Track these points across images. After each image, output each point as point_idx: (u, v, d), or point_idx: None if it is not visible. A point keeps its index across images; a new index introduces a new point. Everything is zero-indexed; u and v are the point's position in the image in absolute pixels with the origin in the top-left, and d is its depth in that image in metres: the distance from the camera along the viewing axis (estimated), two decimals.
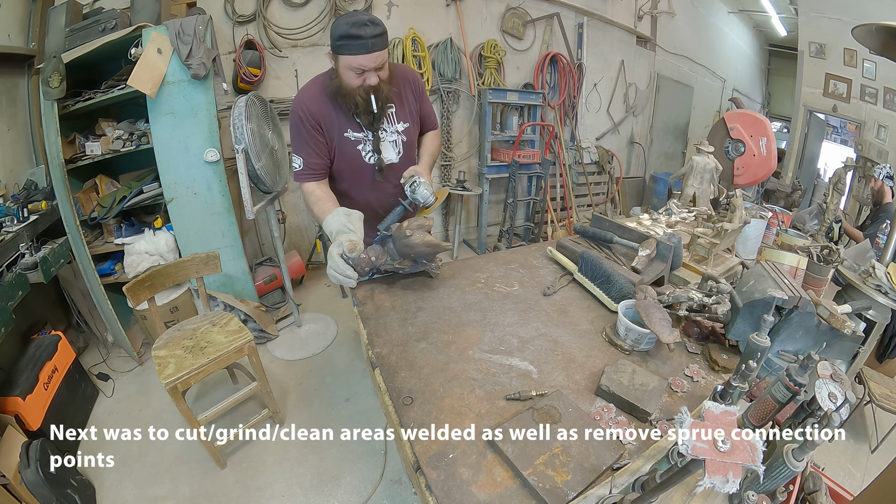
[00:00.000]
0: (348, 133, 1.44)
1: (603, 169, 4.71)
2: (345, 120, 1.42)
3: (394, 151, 1.52)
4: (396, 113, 1.50)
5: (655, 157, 5.55)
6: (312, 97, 1.40)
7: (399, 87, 1.48)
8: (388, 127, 1.49)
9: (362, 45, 1.24)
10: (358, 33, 1.23)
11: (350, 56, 1.27)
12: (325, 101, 1.40)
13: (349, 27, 1.23)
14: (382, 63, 1.32)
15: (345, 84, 1.33)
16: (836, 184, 2.22)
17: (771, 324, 0.88)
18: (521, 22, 3.90)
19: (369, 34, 1.23)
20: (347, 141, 1.44)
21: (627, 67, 4.69)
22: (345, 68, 1.30)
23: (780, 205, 3.23)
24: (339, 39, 1.25)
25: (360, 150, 1.47)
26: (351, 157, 1.47)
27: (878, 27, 1.64)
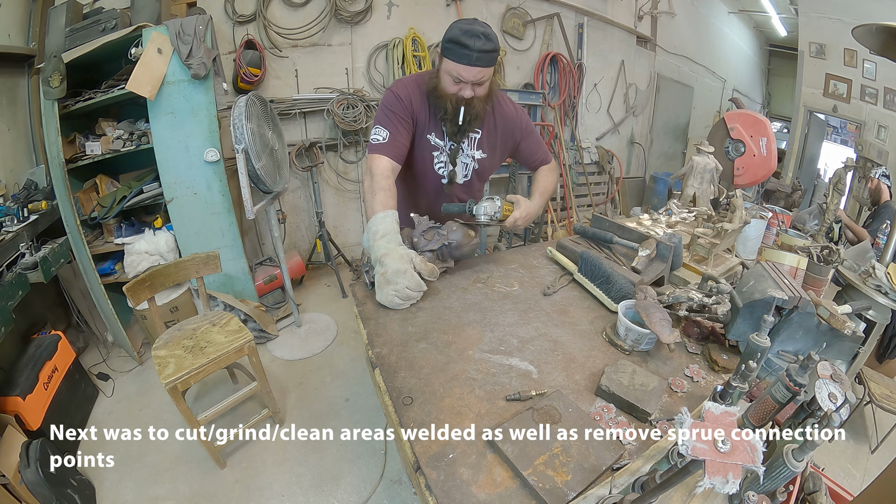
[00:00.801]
0: (431, 136, 1.42)
1: (603, 169, 4.71)
2: (432, 122, 1.40)
3: (461, 173, 1.51)
4: (480, 140, 1.47)
5: (655, 158, 5.54)
6: (411, 86, 1.38)
7: (495, 118, 1.45)
8: (465, 148, 1.47)
9: (466, 55, 1.21)
10: (467, 42, 1.20)
11: (452, 62, 1.25)
12: (423, 95, 1.38)
13: (461, 34, 1.20)
14: (482, 80, 1.28)
15: (441, 86, 1.32)
16: (836, 184, 2.22)
17: (771, 324, 0.88)
18: (521, 22, 3.90)
19: (477, 47, 1.20)
20: (427, 143, 1.43)
21: (628, 67, 4.69)
22: (445, 72, 1.28)
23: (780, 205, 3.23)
24: (448, 42, 1.23)
25: (435, 156, 1.45)
26: (423, 159, 1.45)
27: (878, 27, 1.64)
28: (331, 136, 3.40)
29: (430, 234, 1.37)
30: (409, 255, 1.23)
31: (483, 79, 1.28)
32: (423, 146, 1.44)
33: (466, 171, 1.52)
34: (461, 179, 1.53)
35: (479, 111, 1.35)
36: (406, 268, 1.20)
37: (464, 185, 1.55)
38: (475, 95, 1.31)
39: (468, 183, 1.55)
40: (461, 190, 1.55)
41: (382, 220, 1.25)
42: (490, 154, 1.51)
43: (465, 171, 1.52)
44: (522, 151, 1.58)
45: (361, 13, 3.24)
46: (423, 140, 1.42)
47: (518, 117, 1.52)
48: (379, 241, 1.23)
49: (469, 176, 1.53)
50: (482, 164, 1.52)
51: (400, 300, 1.21)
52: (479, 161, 1.51)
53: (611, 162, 4.71)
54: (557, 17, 4.06)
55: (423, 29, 3.48)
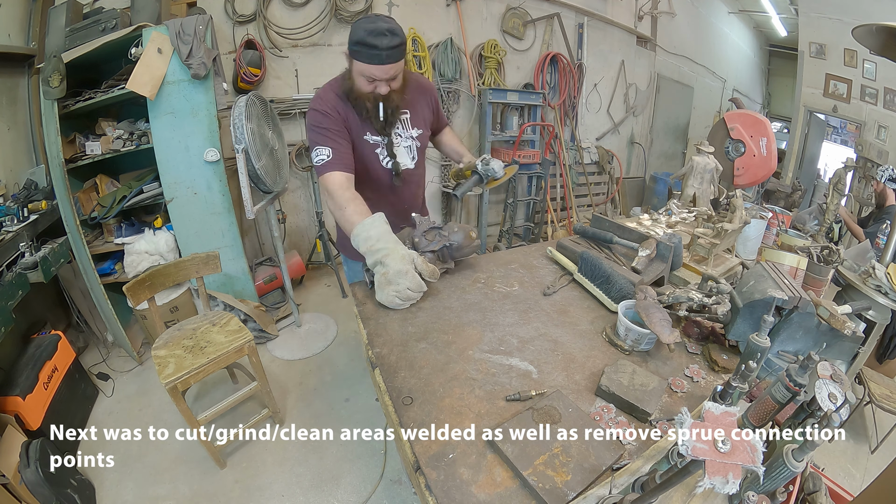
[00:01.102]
0: (367, 136, 1.43)
1: (603, 169, 4.71)
2: (363, 123, 1.41)
3: (408, 157, 1.52)
4: (411, 119, 1.50)
5: (655, 158, 5.55)
6: (331, 98, 1.39)
7: (413, 94, 1.47)
8: (402, 132, 1.49)
9: (376, 55, 1.22)
10: (374, 42, 1.20)
11: (363, 64, 1.25)
12: (343, 102, 1.39)
13: (366, 34, 1.20)
14: (395, 75, 1.30)
15: (356, 88, 1.33)
16: (836, 184, 2.22)
17: (771, 324, 0.88)
18: (521, 22, 3.90)
19: (385, 45, 1.20)
20: (367, 143, 1.44)
21: (628, 67, 4.69)
22: (357, 74, 1.29)
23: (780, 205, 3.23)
24: (355, 45, 1.23)
25: (378, 153, 1.46)
26: (369, 160, 1.46)
27: (878, 27, 1.64)
28: None
29: (432, 234, 1.38)
30: (410, 255, 1.23)
31: (395, 73, 1.30)
32: (364, 147, 1.44)
33: (413, 153, 1.53)
34: (411, 163, 1.53)
35: (397, 102, 1.38)
36: (408, 268, 1.20)
37: (416, 169, 1.56)
38: (392, 90, 1.33)
39: (418, 164, 1.57)
40: (414, 174, 1.56)
41: (371, 224, 1.25)
42: (424, 128, 1.55)
43: (411, 153, 1.53)
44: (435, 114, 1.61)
45: (362, 13, 3.24)
46: (362, 141, 1.43)
47: (425, 83, 1.59)
48: (377, 244, 1.23)
49: (416, 157, 1.55)
50: (423, 141, 1.56)
51: (400, 301, 1.21)
52: (419, 138, 1.54)
53: (611, 162, 4.71)
54: (557, 17, 4.06)
55: (423, 29, 3.48)
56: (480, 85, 3.79)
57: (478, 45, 3.77)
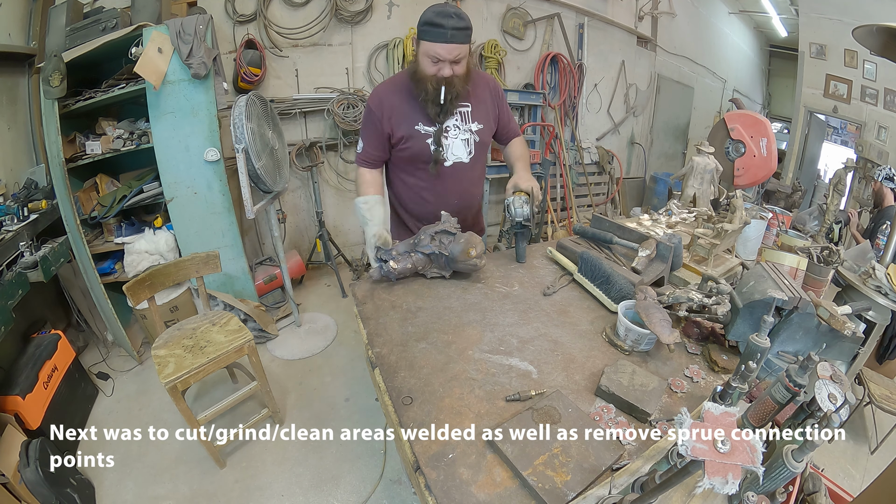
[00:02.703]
0: (419, 126, 1.44)
1: (603, 169, 4.71)
2: (417, 113, 1.43)
3: (465, 150, 1.51)
4: (472, 112, 1.50)
5: (656, 158, 5.54)
6: (389, 88, 1.45)
7: (477, 88, 1.49)
8: (461, 125, 1.49)
9: (441, 34, 1.26)
10: (440, 22, 1.25)
11: (428, 43, 1.29)
12: (402, 92, 1.43)
13: (434, 15, 1.26)
14: (459, 57, 1.32)
15: (420, 70, 1.35)
16: (836, 185, 2.22)
17: (771, 325, 0.88)
18: (521, 22, 3.90)
19: (451, 25, 1.25)
20: (418, 134, 1.45)
21: (628, 68, 4.69)
22: (423, 54, 1.32)
23: (781, 206, 3.23)
24: (423, 25, 1.28)
25: (430, 143, 1.46)
26: (419, 149, 1.47)
27: (878, 28, 1.64)
28: (331, 135, 3.40)
29: (439, 237, 1.37)
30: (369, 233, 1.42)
31: (460, 56, 1.32)
32: (416, 137, 1.45)
33: (469, 147, 1.53)
34: (466, 157, 1.52)
35: (459, 90, 1.39)
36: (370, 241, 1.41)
37: (470, 164, 1.55)
38: (454, 74, 1.34)
39: (473, 160, 1.55)
40: (468, 169, 1.55)
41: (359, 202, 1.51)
42: (486, 124, 1.54)
43: (468, 147, 1.52)
44: (501, 121, 1.60)
45: (362, 13, 3.24)
46: (413, 132, 1.45)
47: (494, 83, 1.58)
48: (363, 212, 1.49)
49: (473, 152, 1.54)
50: (482, 136, 1.55)
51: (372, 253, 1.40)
52: (479, 133, 1.53)
53: (611, 162, 4.71)
54: (558, 17, 4.06)
55: None
56: None
57: (478, 45, 3.77)
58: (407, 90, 1.42)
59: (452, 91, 1.36)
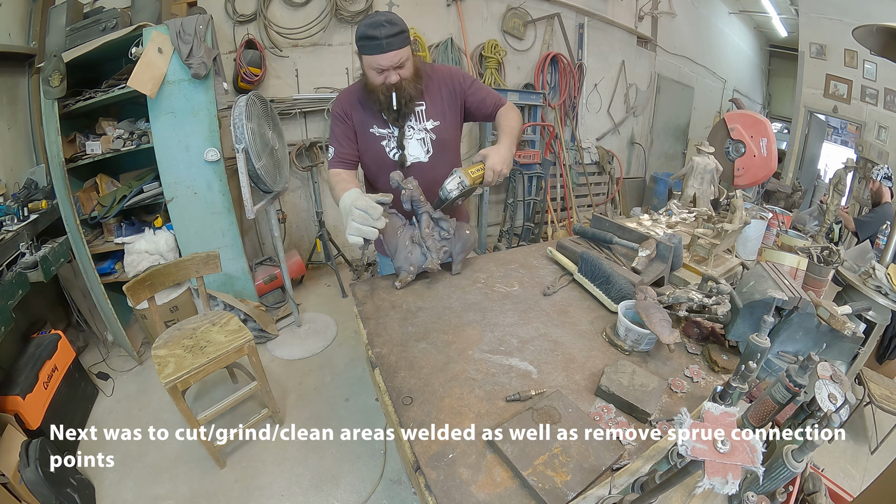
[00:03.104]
0: (374, 129, 1.47)
1: (603, 169, 4.71)
2: (371, 116, 1.46)
3: (422, 150, 1.50)
4: (426, 110, 1.49)
5: (656, 158, 5.54)
6: (349, 94, 1.49)
7: (431, 84, 1.48)
8: (415, 124, 1.48)
9: (377, 45, 1.29)
10: (373, 34, 1.28)
11: (368, 56, 1.32)
12: (356, 98, 1.47)
13: (367, 28, 1.29)
14: (400, 62, 1.33)
15: (369, 82, 1.38)
16: (836, 185, 2.22)
17: (771, 325, 0.88)
18: (521, 22, 3.90)
19: (384, 34, 1.28)
20: (372, 136, 1.47)
21: (628, 68, 4.69)
22: (367, 68, 1.36)
23: (781, 205, 3.24)
24: (359, 40, 1.32)
25: (384, 145, 1.48)
26: (375, 152, 1.49)
27: (878, 28, 1.64)
28: None
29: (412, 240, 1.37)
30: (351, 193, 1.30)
31: (401, 60, 1.33)
32: (370, 140, 1.48)
33: (426, 146, 1.50)
34: (425, 156, 1.50)
35: (411, 91, 1.40)
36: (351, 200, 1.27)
37: (430, 163, 1.51)
38: (402, 78, 1.36)
39: (434, 158, 1.51)
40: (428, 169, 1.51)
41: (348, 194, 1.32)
42: (442, 120, 1.50)
43: (425, 146, 1.50)
44: (473, 103, 1.55)
45: (362, 13, 3.24)
46: (368, 135, 1.48)
47: (453, 73, 1.54)
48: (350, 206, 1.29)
49: (431, 150, 1.51)
50: (439, 133, 1.51)
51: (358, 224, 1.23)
52: (434, 130, 1.50)
53: (611, 162, 4.71)
54: (558, 17, 4.06)
55: (424, 29, 3.47)
56: None
57: (478, 45, 3.77)
58: (359, 96, 1.46)
59: (405, 95, 1.38)
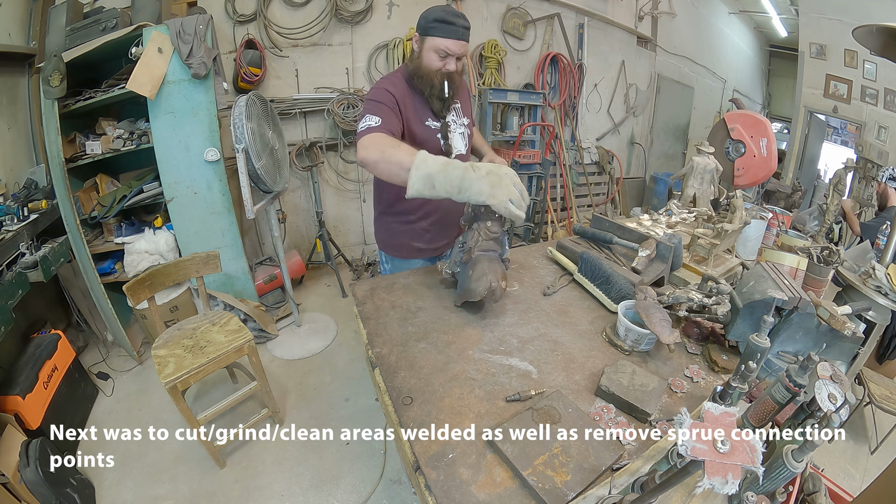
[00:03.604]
0: (429, 122, 1.46)
1: (603, 169, 4.71)
2: (423, 108, 1.45)
3: (462, 143, 1.56)
4: (461, 109, 1.56)
5: (656, 158, 5.54)
6: (398, 81, 1.43)
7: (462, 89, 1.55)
8: (456, 119, 1.54)
9: (454, 30, 1.31)
10: (451, 20, 1.31)
11: (439, 38, 1.32)
12: (404, 89, 1.43)
13: (444, 13, 1.32)
14: (463, 54, 1.38)
15: (425, 65, 1.37)
16: (836, 185, 2.22)
17: (771, 325, 0.88)
18: (521, 22, 3.90)
19: (461, 24, 1.32)
20: (429, 129, 1.46)
21: (628, 68, 4.69)
22: (429, 49, 1.35)
23: (781, 206, 3.23)
24: (433, 22, 1.32)
25: (439, 137, 1.48)
26: (432, 145, 1.45)
27: (878, 28, 1.64)
28: (331, 135, 3.40)
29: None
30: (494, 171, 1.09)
31: (464, 53, 1.38)
32: (426, 133, 1.46)
33: (465, 141, 1.57)
34: (464, 149, 1.56)
35: (458, 84, 1.45)
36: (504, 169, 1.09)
37: (466, 156, 1.58)
38: (455, 70, 1.40)
39: (469, 152, 1.60)
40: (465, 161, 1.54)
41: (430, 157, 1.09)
42: (471, 120, 1.61)
43: (465, 140, 1.57)
44: None
45: (362, 13, 3.24)
46: (423, 127, 1.45)
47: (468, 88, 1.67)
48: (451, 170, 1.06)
49: (467, 144, 1.58)
50: (471, 130, 1.61)
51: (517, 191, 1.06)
52: (469, 127, 1.59)
53: (611, 162, 4.71)
54: (558, 17, 4.06)
55: None
56: (481, 85, 3.78)
57: (478, 45, 3.77)
58: (407, 88, 1.43)
59: (454, 86, 1.41)
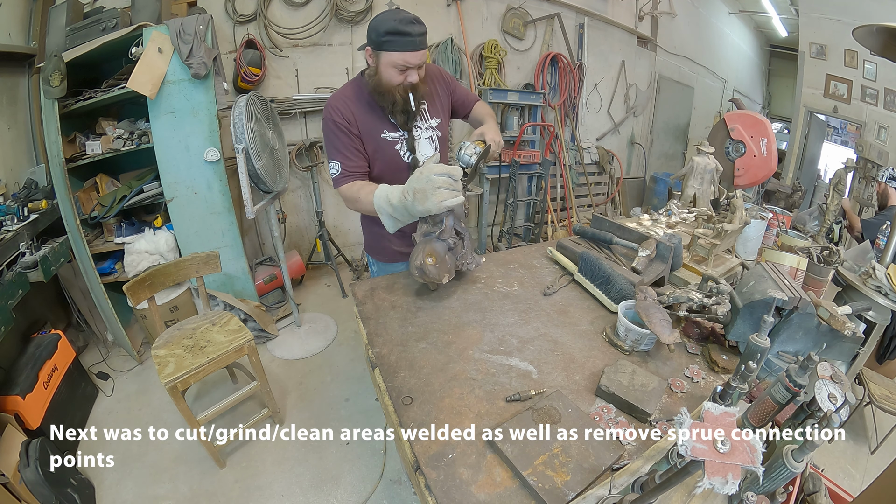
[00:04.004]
0: (385, 134, 1.40)
1: (603, 169, 4.71)
2: (380, 121, 1.39)
3: (430, 147, 1.50)
4: (429, 109, 1.48)
5: (656, 158, 5.54)
6: (345, 100, 1.37)
7: (430, 84, 1.46)
8: (422, 124, 1.47)
9: (410, 42, 1.23)
10: (406, 30, 1.21)
11: (396, 53, 1.24)
12: (360, 102, 1.37)
13: (397, 24, 1.21)
14: (423, 62, 1.32)
15: (385, 81, 1.30)
16: (836, 185, 2.22)
17: (771, 325, 0.88)
18: (521, 22, 3.90)
19: (416, 32, 1.23)
20: (385, 142, 1.41)
21: (628, 68, 4.69)
22: (387, 65, 1.27)
23: (781, 206, 3.23)
24: (385, 35, 1.22)
25: (398, 149, 1.44)
26: (389, 158, 1.43)
27: (878, 28, 1.64)
28: None
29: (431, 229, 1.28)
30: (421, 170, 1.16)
31: (424, 61, 1.31)
32: (383, 145, 1.41)
33: (435, 143, 1.50)
34: (433, 151, 1.50)
35: (423, 91, 1.38)
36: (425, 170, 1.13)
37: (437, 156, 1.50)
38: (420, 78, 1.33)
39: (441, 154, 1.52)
40: None
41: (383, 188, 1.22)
42: (443, 116, 1.52)
43: (433, 143, 1.50)
44: (457, 100, 1.58)
45: (362, 13, 3.24)
46: (381, 141, 1.41)
47: (440, 72, 1.54)
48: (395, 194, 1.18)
49: (438, 147, 1.52)
50: (441, 130, 1.52)
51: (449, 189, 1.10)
52: (438, 127, 1.51)
53: (611, 162, 4.71)
54: (558, 17, 4.06)
55: None
56: (481, 85, 3.78)
57: (478, 45, 3.77)
58: (363, 101, 1.37)
59: (419, 95, 1.35)
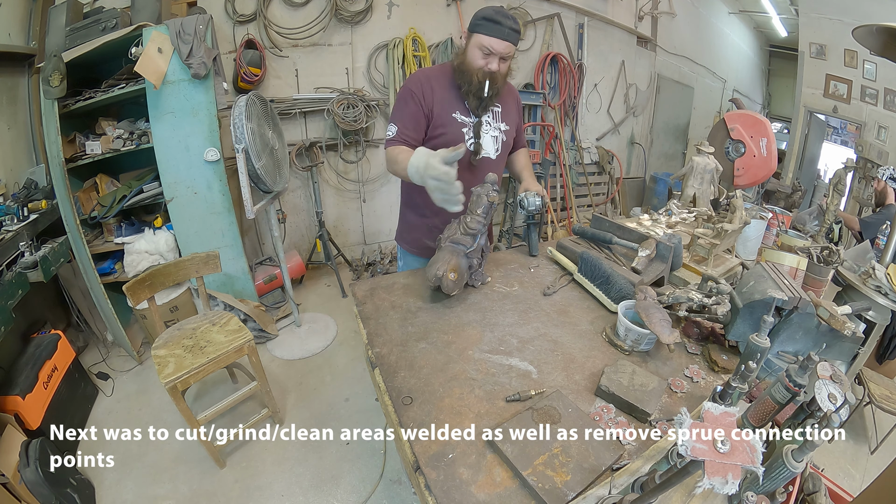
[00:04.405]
0: (456, 114, 1.47)
1: (603, 169, 4.71)
2: (455, 101, 1.46)
3: (493, 147, 1.55)
4: (501, 113, 1.55)
5: (656, 158, 5.54)
6: (429, 75, 1.47)
7: (507, 95, 1.56)
8: (492, 121, 1.53)
9: (500, 30, 1.31)
10: (499, 20, 1.31)
11: (484, 36, 1.33)
12: (442, 79, 1.46)
13: (493, 13, 1.32)
14: (508, 55, 1.38)
15: (468, 61, 1.38)
16: (836, 185, 2.22)
17: (771, 324, 0.88)
18: (521, 22, 3.89)
19: (509, 25, 1.32)
20: (455, 121, 1.47)
21: (628, 68, 4.69)
22: (474, 46, 1.36)
23: (781, 205, 3.23)
24: (480, 20, 1.33)
25: (465, 132, 1.48)
26: (454, 137, 1.47)
27: (878, 28, 1.64)
28: (331, 135, 3.40)
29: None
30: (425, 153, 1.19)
31: (509, 54, 1.38)
32: (452, 124, 1.46)
33: (497, 145, 1.56)
34: (493, 154, 1.55)
35: (499, 86, 1.44)
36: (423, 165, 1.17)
37: (496, 161, 1.57)
38: (499, 70, 1.39)
39: (500, 157, 1.58)
40: (493, 166, 1.56)
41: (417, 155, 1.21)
42: (511, 127, 1.59)
43: (496, 144, 1.56)
44: (517, 131, 1.65)
45: (362, 13, 3.24)
46: (451, 119, 1.46)
47: (518, 100, 1.65)
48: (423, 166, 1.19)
49: (500, 150, 1.57)
50: (507, 137, 1.58)
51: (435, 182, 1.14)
52: (506, 133, 1.57)
53: (611, 162, 4.71)
54: (558, 17, 4.06)
55: (424, 29, 3.47)
56: None
57: None
58: (447, 78, 1.46)
59: (495, 87, 1.41)
